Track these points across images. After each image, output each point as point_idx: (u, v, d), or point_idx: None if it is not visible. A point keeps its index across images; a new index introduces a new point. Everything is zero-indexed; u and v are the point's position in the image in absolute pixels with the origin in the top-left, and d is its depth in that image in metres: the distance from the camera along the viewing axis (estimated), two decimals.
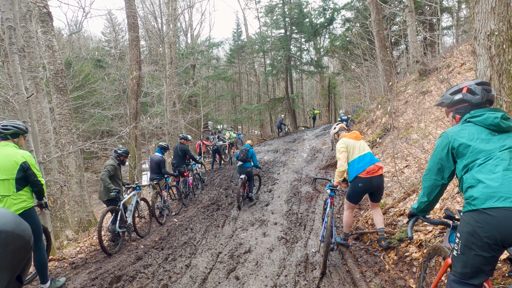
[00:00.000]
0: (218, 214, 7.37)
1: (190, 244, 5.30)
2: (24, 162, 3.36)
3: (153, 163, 8.00)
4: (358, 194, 4.20)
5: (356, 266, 3.82)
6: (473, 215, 1.70)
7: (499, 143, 1.81)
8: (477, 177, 1.74)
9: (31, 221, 3.39)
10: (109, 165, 5.84)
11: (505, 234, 1.58)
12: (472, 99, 1.99)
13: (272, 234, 5.67)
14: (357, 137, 4.36)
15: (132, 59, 9.54)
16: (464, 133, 1.91)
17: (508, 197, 1.59)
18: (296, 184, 9.73)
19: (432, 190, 2.04)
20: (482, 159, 1.78)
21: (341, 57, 22.61)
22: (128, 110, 9.76)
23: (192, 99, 23.27)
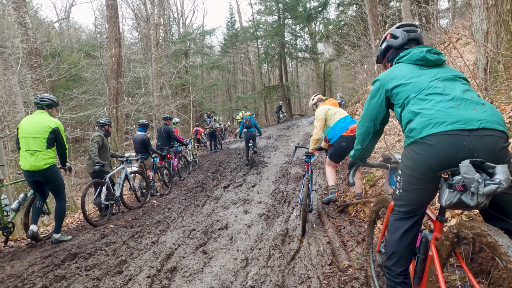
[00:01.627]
0: (201, 195, 6.97)
1: (163, 223, 4.90)
2: (56, 127, 4.06)
3: (136, 143, 7.64)
4: (341, 153, 4.25)
5: (337, 237, 3.43)
6: (412, 147, 1.65)
7: (430, 75, 1.76)
8: (412, 109, 1.69)
9: (56, 175, 4.17)
10: (97, 136, 5.81)
11: (443, 158, 1.54)
12: (395, 43, 2.01)
13: (253, 212, 5.27)
14: (335, 104, 4.51)
15: (111, 36, 9.02)
16: (395, 73, 1.86)
17: (443, 121, 1.55)
18: (286, 166, 9.34)
19: (365, 137, 2.03)
20: (415, 93, 1.73)
21: (335, 42, 22.09)
22: (107, 91, 9.33)
23: (186, 87, 22.82)
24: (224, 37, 34.99)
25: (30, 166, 3.95)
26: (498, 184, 1.32)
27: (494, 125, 1.52)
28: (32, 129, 3.97)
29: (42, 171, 4.00)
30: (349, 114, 4.69)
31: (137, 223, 5.00)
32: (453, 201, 1.48)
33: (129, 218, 5.43)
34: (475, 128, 1.51)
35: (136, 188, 6.75)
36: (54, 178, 4.16)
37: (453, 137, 1.52)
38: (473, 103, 1.61)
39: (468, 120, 1.53)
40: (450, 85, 1.70)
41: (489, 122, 1.52)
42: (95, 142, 5.72)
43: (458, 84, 1.72)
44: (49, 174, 4.07)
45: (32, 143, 3.92)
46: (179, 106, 22.55)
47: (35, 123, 4.01)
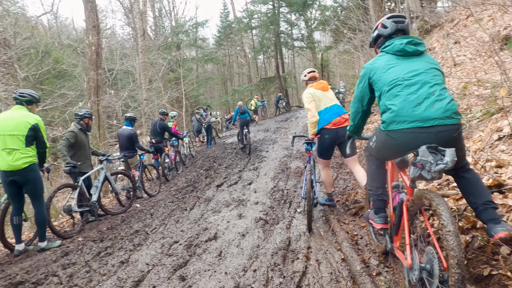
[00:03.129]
0: (191, 196, 6.17)
1: (141, 233, 4.11)
2: (36, 123, 3.74)
3: (123, 138, 6.90)
4: (327, 147, 3.97)
5: (355, 252, 2.64)
6: (383, 134, 2.06)
7: (405, 68, 2.01)
8: (385, 103, 2.02)
9: (36, 175, 3.79)
10: (68, 132, 5.07)
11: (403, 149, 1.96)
12: (384, 32, 2.22)
13: (249, 216, 4.48)
14: (324, 87, 4.10)
15: (88, 22, 8.14)
16: (377, 63, 2.14)
17: (405, 120, 1.89)
18: (286, 160, 8.54)
19: (356, 115, 2.43)
20: (389, 86, 2.02)
21: (333, 29, 21.17)
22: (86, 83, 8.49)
23: (179, 81, 21.91)
24: (218, 29, 33.96)
25: (7, 166, 3.61)
26: (445, 164, 1.68)
27: (446, 121, 1.83)
28: (9, 126, 3.66)
29: (21, 171, 3.65)
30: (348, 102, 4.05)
31: (110, 234, 4.21)
32: (416, 175, 1.81)
33: (104, 228, 4.64)
34: (430, 126, 1.83)
35: (118, 191, 5.93)
36: (33, 179, 3.77)
37: (411, 134, 1.87)
38: (433, 100, 1.88)
39: (425, 119, 1.85)
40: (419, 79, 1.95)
41: (442, 119, 1.83)
42: (64, 140, 4.96)
43: (429, 77, 1.95)
44: (28, 175, 3.71)
45: (10, 141, 3.62)
46: (173, 101, 21.69)
47: (13, 120, 3.70)
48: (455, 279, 1.50)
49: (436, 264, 1.67)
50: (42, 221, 3.90)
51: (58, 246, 3.95)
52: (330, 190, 4.19)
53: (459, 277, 1.50)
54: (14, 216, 3.84)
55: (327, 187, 4.18)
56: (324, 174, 4.12)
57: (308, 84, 4.26)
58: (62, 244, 4.04)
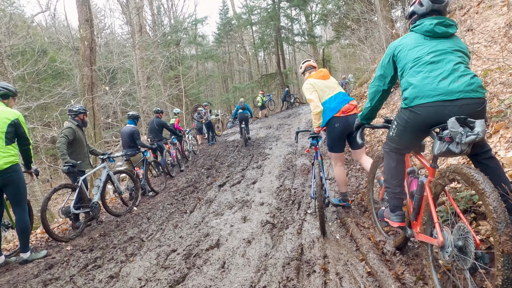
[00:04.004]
0: (191, 197, 5.77)
1: (135, 241, 3.71)
2: (16, 118, 3.40)
3: (125, 136, 6.82)
4: (338, 138, 3.59)
5: (384, 265, 2.23)
6: (405, 112, 2.02)
7: (431, 48, 1.99)
8: (408, 80, 2.00)
9: (18, 177, 3.41)
10: (66, 129, 4.77)
11: (429, 123, 1.91)
12: (419, 10, 2.12)
13: (254, 219, 4.08)
14: (325, 76, 3.76)
15: (81, 16, 7.74)
16: (404, 41, 2.13)
17: (429, 94, 1.87)
18: (291, 157, 8.13)
19: (375, 95, 2.35)
20: (412, 63, 2.01)
21: (334, 23, 20.67)
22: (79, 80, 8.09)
23: (179, 79, 21.52)
24: (217, 26, 33.48)
25: None
26: (476, 135, 1.66)
27: (471, 94, 1.83)
28: None
29: (2, 172, 3.28)
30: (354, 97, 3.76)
31: (102, 242, 3.81)
32: (442, 150, 1.82)
33: (96, 234, 4.24)
34: (455, 99, 1.83)
35: (122, 190, 5.66)
36: (16, 181, 3.38)
37: (436, 108, 1.87)
38: (458, 75, 1.88)
39: (450, 92, 1.85)
40: (444, 57, 1.94)
41: (467, 92, 1.83)
42: (63, 137, 4.64)
43: (453, 57, 1.95)
44: (10, 176, 3.33)
45: None
46: (174, 99, 21.29)
47: None
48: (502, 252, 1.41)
49: (471, 240, 1.60)
50: (25, 229, 3.46)
51: (43, 257, 3.57)
52: (344, 189, 3.80)
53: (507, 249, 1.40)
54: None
55: (341, 185, 3.79)
56: (337, 170, 3.75)
57: (305, 75, 3.98)
58: (48, 254, 3.66)
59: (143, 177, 6.64)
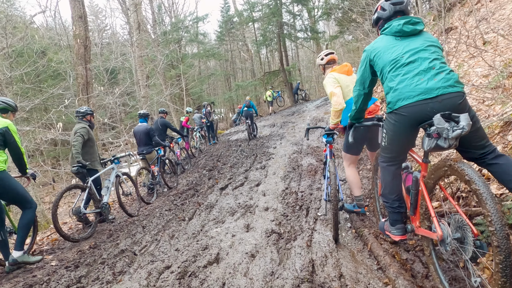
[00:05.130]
0: (191, 202, 5.41)
1: (127, 254, 3.34)
2: (5, 127, 3.36)
3: (140, 135, 7.01)
4: (360, 140, 3.29)
5: None
6: (391, 116, 2.07)
7: (401, 48, 2.04)
8: (388, 85, 2.06)
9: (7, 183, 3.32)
10: (81, 128, 4.80)
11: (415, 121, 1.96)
12: (383, 15, 2.24)
13: (258, 227, 3.69)
14: (349, 71, 3.45)
15: (74, 12, 7.38)
16: (377, 45, 2.18)
17: (410, 95, 1.93)
18: (296, 156, 7.75)
19: (358, 98, 2.44)
20: (390, 66, 2.06)
21: (337, 18, 20.17)
22: (73, 80, 7.75)
23: (180, 77, 21.19)
24: (219, 24, 33.10)
25: None
26: (462, 129, 1.70)
27: (449, 89, 1.88)
28: None
29: None
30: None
31: (90, 257, 3.45)
32: (432, 146, 1.85)
33: (86, 246, 3.89)
34: (435, 96, 1.88)
35: (129, 192, 5.61)
36: (6, 187, 3.31)
37: (419, 106, 1.91)
38: (434, 73, 1.93)
39: (429, 90, 1.90)
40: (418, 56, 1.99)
41: (445, 88, 1.88)
42: (79, 136, 4.66)
43: (427, 54, 1.99)
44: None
45: None
46: (176, 99, 20.96)
47: None
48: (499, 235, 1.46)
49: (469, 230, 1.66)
50: (26, 225, 3.43)
51: (35, 262, 3.43)
52: (358, 192, 3.45)
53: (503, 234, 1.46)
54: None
55: (355, 188, 3.45)
56: (350, 171, 3.47)
57: (327, 68, 3.62)
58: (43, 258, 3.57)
59: (158, 174, 6.80)
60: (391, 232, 2.29)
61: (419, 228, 2.08)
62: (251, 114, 11.51)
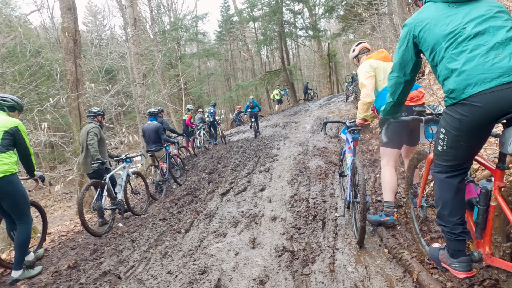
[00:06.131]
0: (188, 209, 4.84)
1: (109, 278, 2.77)
2: (14, 127, 3.23)
3: (150, 132, 7.10)
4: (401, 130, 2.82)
5: None
6: (456, 108, 1.54)
7: (461, 17, 1.56)
8: (448, 66, 1.56)
9: (16, 188, 3.14)
10: (93, 127, 4.99)
11: (493, 115, 1.45)
12: None
13: (266, 242, 3.13)
14: (386, 58, 3.14)
15: (62, 5, 6.84)
16: (422, 15, 1.69)
17: (486, 78, 1.42)
18: (302, 158, 7.19)
19: (396, 88, 1.94)
20: (446, 42, 1.57)
21: (339, 16, 19.66)
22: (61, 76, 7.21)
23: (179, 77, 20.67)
24: (219, 24, 32.63)
25: None
26: None
27: None
28: None
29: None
30: None
31: (66, 280, 2.88)
32: None
33: (65, 265, 3.32)
34: None
35: (139, 191, 5.89)
36: (12, 192, 3.10)
37: (499, 93, 1.40)
38: None
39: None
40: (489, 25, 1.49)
41: None
42: (94, 135, 4.87)
43: (500, 22, 1.50)
44: (4, 187, 3.04)
45: None
46: (175, 99, 20.40)
47: None
48: None
49: None
50: (24, 243, 3.20)
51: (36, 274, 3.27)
52: (391, 197, 2.90)
53: None
54: (11, 231, 3.35)
55: (389, 192, 2.91)
56: (387, 172, 2.95)
57: (361, 58, 3.40)
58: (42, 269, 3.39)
59: (167, 171, 6.84)
60: (452, 266, 1.71)
61: (493, 257, 1.55)
62: (256, 113, 11.79)
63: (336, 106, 15.76)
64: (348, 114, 12.28)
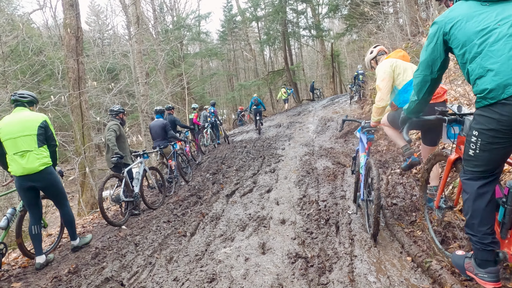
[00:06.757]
0: (193, 211, 4.68)
1: (112, 286, 2.61)
2: (44, 120, 3.49)
3: (156, 129, 7.28)
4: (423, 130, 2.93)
5: None
6: (494, 109, 1.48)
7: (495, 15, 1.52)
8: (484, 65, 1.49)
9: (53, 178, 3.52)
10: (113, 124, 5.29)
11: None
12: None
13: (277, 247, 2.97)
14: (405, 57, 3.16)
15: (64, 1, 6.70)
16: (454, 13, 1.66)
17: None
18: (308, 159, 7.02)
19: (422, 86, 1.90)
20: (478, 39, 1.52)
21: (343, 15, 19.47)
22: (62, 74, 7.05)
23: (182, 76, 20.55)
24: (221, 24, 32.50)
25: (22, 170, 3.30)
26: None
27: None
28: (17, 128, 3.36)
29: (39, 174, 3.35)
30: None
31: (66, 286, 2.72)
32: None
33: (65, 270, 3.16)
34: None
35: (155, 185, 6.12)
36: (54, 182, 3.52)
37: None
38: None
39: None
40: None
41: None
42: (112, 131, 5.18)
43: None
44: (47, 178, 3.41)
45: (22, 143, 3.32)
46: (178, 99, 20.26)
47: (20, 121, 3.39)
48: None
49: None
50: (70, 221, 3.77)
51: (89, 242, 3.96)
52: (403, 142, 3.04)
53: None
54: (33, 226, 3.48)
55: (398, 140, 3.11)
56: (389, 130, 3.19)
57: (379, 59, 3.38)
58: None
59: (175, 168, 6.98)
60: (479, 276, 1.63)
61: None
62: (260, 111, 12.72)
63: (340, 106, 15.58)
64: (354, 114, 12.09)
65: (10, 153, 3.34)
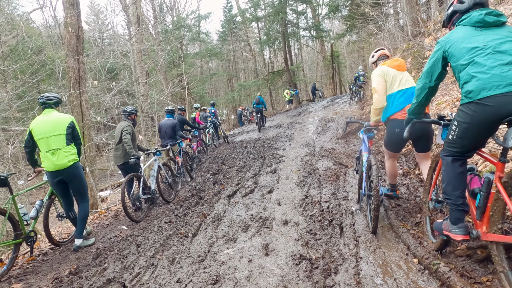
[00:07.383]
0: (195, 212, 4.65)
1: (113, 287, 2.57)
2: (71, 121, 3.86)
3: (166, 128, 7.49)
4: (397, 142, 3.25)
5: None
6: (470, 106, 1.86)
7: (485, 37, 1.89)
8: (470, 72, 1.87)
9: (79, 172, 3.86)
10: (127, 126, 5.37)
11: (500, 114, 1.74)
12: (460, 7, 2.09)
13: (280, 248, 2.93)
14: (400, 67, 3.28)
15: (65, 0, 6.66)
16: (453, 35, 2.03)
17: (499, 85, 1.74)
18: (309, 159, 6.98)
19: (421, 92, 2.27)
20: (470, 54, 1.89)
21: (343, 16, 19.44)
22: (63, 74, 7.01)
23: (182, 76, 20.49)
24: (221, 24, 32.44)
25: (53, 166, 3.68)
26: None
27: None
28: (49, 128, 3.71)
29: (67, 169, 3.74)
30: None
31: (67, 287, 2.69)
32: None
33: (66, 270, 3.12)
34: None
35: (169, 180, 6.30)
36: (79, 176, 3.87)
37: (508, 97, 1.72)
38: None
39: None
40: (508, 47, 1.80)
41: None
42: (128, 133, 5.26)
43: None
44: (73, 172, 3.79)
45: (53, 142, 3.68)
46: (178, 99, 20.21)
47: (51, 122, 3.74)
48: None
49: None
50: (85, 217, 3.96)
51: (91, 244, 3.97)
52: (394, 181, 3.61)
53: None
54: (69, 212, 4.03)
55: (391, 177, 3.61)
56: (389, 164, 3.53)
57: (378, 65, 3.52)
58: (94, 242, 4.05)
59: (182, 165, 7.23)
60: (452, 231, 2.04)
61: (488, 234, 1.88)
62: (261, 109, 13.48)
63: (340, 107, 15.56)
64: (354, 115, 12.07)
65: (43, 150, 3.69)
